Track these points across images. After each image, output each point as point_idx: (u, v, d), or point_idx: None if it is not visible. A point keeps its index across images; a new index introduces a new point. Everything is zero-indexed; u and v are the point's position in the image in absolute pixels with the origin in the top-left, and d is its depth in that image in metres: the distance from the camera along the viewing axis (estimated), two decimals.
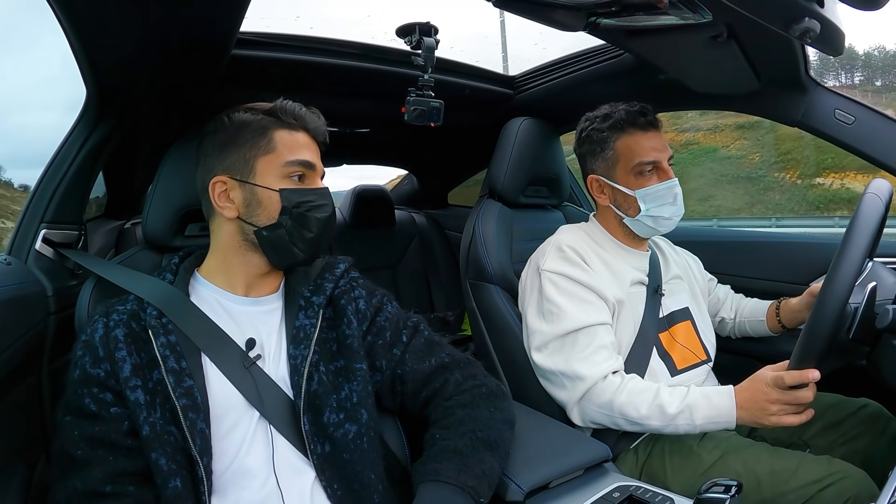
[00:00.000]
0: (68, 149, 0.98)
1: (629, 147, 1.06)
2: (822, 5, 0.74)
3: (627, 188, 1.06)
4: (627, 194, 1.06)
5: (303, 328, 0.79)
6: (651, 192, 1.05)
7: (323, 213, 0.79)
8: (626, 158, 1.06)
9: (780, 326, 1.17)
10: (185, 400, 0.68)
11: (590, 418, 0.97)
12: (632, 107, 1.08)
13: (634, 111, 1.07)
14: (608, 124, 1.08)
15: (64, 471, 0.66)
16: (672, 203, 1.05)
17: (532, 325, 1.06)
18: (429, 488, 0.68)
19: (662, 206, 1.05)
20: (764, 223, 11.74)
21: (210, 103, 1.19)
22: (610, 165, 1.09)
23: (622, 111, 1.08)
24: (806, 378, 0.79)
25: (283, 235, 0.77)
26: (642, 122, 1.06)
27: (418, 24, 1.05)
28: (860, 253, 0.73)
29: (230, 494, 0.69)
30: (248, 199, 0.78)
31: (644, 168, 1.05)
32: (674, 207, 1.06)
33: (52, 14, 0.75)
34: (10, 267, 0.86)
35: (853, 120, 1.12)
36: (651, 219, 1.06)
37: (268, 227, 0.77)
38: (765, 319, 1.20)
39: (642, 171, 1.05)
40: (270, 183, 0.77)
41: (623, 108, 1.08)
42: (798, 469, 0.85)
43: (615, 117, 1.08)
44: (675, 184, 1.06)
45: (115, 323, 0.72)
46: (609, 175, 1.09)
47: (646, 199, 1.05)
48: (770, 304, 1.21)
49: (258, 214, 0.77)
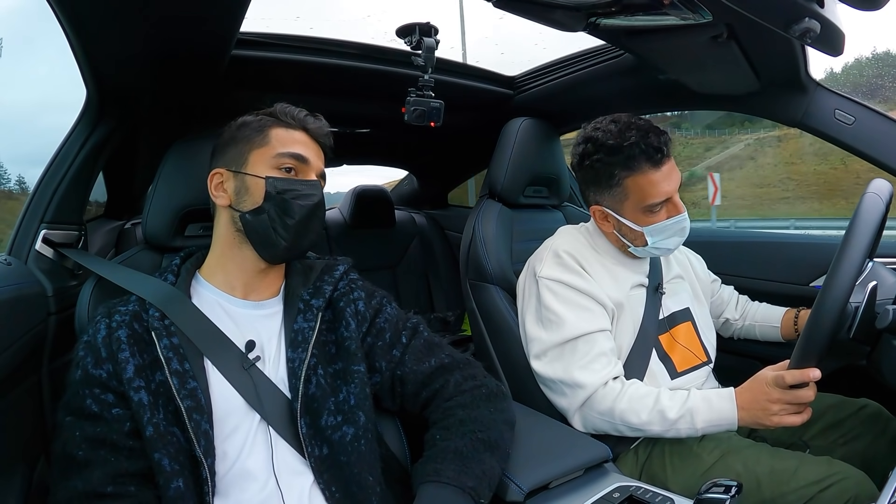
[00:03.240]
0: (68, 149, 0.98)
1: (641, 188, 0.97)
2: (822, 5, 0.74)
3: (635, 224, 1.01)
4: (634, 229, 1.01)
5: (301, 331, 0.79)
6: (660, 228, 1.00)
7: (306, 201, 0.79)
8: (636, 198, 0.98)
9: (797, 335, 1.14)
10: (189, 401, 0.68)
11: (591, 425, 0.97)
12: (645, 138, 0.95)
13: (651, 147, 0.95)
14: (618, 159, 0.97)
15: (65, 471, 0.66)
16: (679, 235, 1.02)
17: (531, 333, 1.05)
18: (429, 489, 0.68)
19: (669, 239, 1.02)
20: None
21: (210, 103, 1.19)
22: (617, 201, 1.01)
23: (634, 146, 0.95)
24: (807, 377, 0.79)
25: (264, 220, 0.78)
26: (657, 158, 0.96)
27: (418, 24, 1.05)
28: (860, 253, 0.73)
29: (231, 496, 0.69)
30: (238, 187, 0.79)
31: (655, 207, 0.99)
32: (680, 238, 1.02)
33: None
34: (10, 267, 0.86)
35: (853, 120, 1.12)
36: (656, 249, 1.04)
37: (252, 212, 0.78)
38: (779, 326, 1.19)
39: (652, 209, 0.99)
40: (259, 171, 0.79)
41: (634, 142, 0.95)
42: (798, 469, 0.85)
43: (626, 153, 0.96)
44: (685, 217, 1.00)
45: (118, 324, 0.72)
46: (616, 209, 1.02)
47: (654, 233, 1.00)
48: (785, 311, 1.19)
49: (245, 200, 0.79)
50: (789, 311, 1.19)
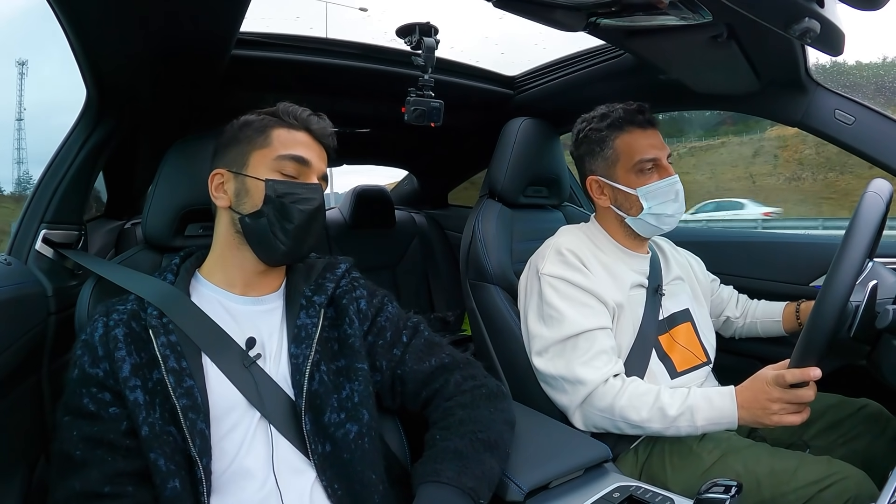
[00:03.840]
0: (68, 149, 0.98)
1: (629, 145, 1.06)
2: (822, 5, 0.74)
3: (628, 187, 1.06)
4: (629, 193, 1.06)
5: (304, 327, 0.79)
6: (653, 190, 1.04)
7: (306, 206, 0.78)
8: (626, 157, 1.06)
9: (800, 327, 1.14)
10: (185, 400, 0.68)
11: (592, 422, 0.97)
12: (629, 105, 1.08)
13: (633, 109, 1.07)
14: (606, 123, 1.08)
15: (63, 471, 0.66)
16: (674, 200, 1.05)
17: (532, 330, 1.06)
18: (429, 489, 0.68)
19: (665, 203, 1.05)
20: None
21: (210, 103, 1.19)
22: (610, 164, 1.08)
23: (620, 110, 1.08)
24: (807, 376, 0.78)
25: (263, 224, 0.77)
26: (641, 119, 1.06)
27: (418, 24, 1.05)
28: (860, 252, 0.73)
29: (229, 495, 0.69)
30: (238, 189, 0.79)
31: (645, 165, 1.05)
32: (676, 204, 1.05)
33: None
34: (10, 267, 0.86)
35: (853, 120, 1.12)
36: (654, 217, 1.06)
37: (251, 215, 0.78)
38: (780, 320, 1.20)
39: (643, 169, 1.05)
40: (259, 174, 0.78)
41: (621, 107, 1.08)
42: (798, 469, 0.85)
43: (613, 116, 1.08)
44: (676, 180, 1.06)
45: (115, 322, 0.72)
46: (609, 175, 1.09)
47: (648, 196, 1.05)
48: (786, 305, 1.20)
49: (245, 203, 0.78)
50: (790, 305, 1.20)
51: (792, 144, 19.60)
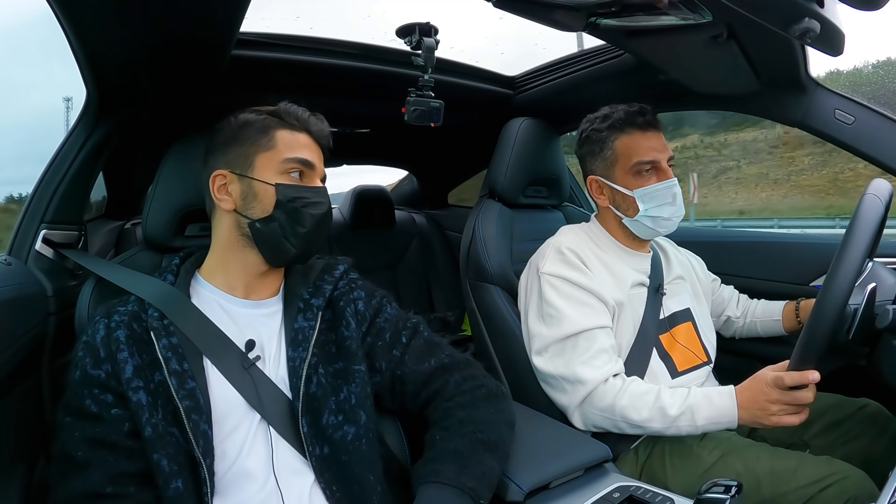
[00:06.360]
0: (68, 149, 0.98)
1: (627, 147, 1.06)
2: (822, 5, 0.74)
3: (626, 188, 1.06)
4: (626, 194, 1.06)
5: (301, 330, 0.79)
6: (649, 192, 1.05)
7: (317, 210, 0.79)
8: (624, 158, 1.06)
9: (800, 325, 1.17)
10: (187, 402, 0.68)
11: (592, 422, 0.97)
12: (631, 107, 1.08)
13: (633, 111, 1.07)
14: (607, 124, 1.08)
15: (64, 472, 0.66)
16: (671, 203, 1.05)
17: (532, 329, 1.06)
18: (429, 490, 0.68)
19: (661, 206, 1.05)
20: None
21: (210, 103, 1.19)
22: (609, 165, 1.09)
23: (621, 111, 1.08)
24: (805, 379, 0.79)
25: (275, 229, 0.77)
26: (641, 121, 1.06)
27: (418, 24, 1.05)
28: (860, 253, 0.73)
29: (230, 496, 0.69)
30: (245, 192, 0.79)
31: (643, 167, 1.05)
32: (673, 207, 1.06)
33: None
34: (10, 267, 0.86)
35: (853, 120, 1.12)
36: (650, 219, 1.06)
37: (262, 220, 0.78)
38: (780, 319, 1.20)
39: (640, 171, 1.05)
40: (268, 177, 0.78)
41: (622, 109, 1.09)
42: (798, 469, 0.85)
43: (614, 117, 1.08)
44: (674, 183, 1.06)
45: (117, 324, 0.72)
46: (608, 175, 1.09)
47: (644, 198, 1.05)
48: (785, 304, 1.21)
49: (253, 207, 0.78)
50: (789, 304, 1.20)
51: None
